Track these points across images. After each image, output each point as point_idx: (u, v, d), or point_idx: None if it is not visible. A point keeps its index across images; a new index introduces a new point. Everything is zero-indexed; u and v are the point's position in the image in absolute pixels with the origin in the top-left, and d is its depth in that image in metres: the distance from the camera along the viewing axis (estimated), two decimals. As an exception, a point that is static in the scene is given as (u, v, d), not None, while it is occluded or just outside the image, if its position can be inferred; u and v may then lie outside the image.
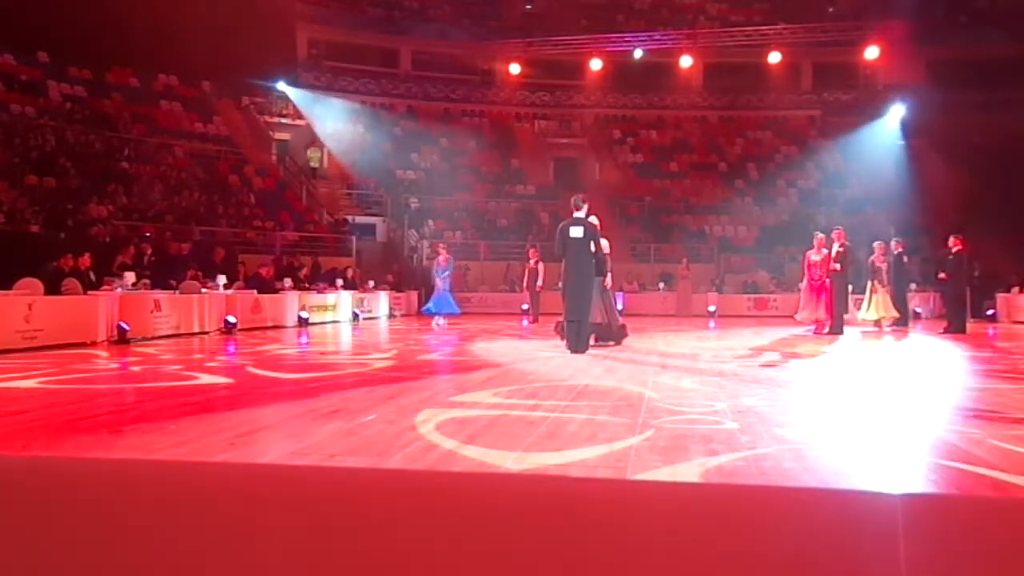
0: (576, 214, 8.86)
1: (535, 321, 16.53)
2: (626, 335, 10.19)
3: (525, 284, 17.33)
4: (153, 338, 10.79)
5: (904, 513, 1.53)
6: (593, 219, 9.16)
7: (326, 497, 1.66)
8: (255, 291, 14.26)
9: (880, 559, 1.37)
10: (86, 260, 11.21)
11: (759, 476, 3.11)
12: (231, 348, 10.00)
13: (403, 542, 1.47)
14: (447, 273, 16.48)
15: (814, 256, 13.09)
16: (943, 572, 1.35)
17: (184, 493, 1.67)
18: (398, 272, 23.59)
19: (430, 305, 16.78)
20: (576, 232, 8.75)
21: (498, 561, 1.42)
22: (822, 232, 13.47)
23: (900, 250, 14.64)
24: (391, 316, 19.58)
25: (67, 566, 1.44)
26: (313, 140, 28.95)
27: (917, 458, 3.50)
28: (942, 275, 14.15)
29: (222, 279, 13.53)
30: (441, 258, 16.71)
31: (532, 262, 16.79)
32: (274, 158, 27.21)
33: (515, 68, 29.91)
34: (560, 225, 9.12)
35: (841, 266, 12.73)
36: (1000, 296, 18.46)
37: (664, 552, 1.43)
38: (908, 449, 3.73)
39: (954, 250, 13.84)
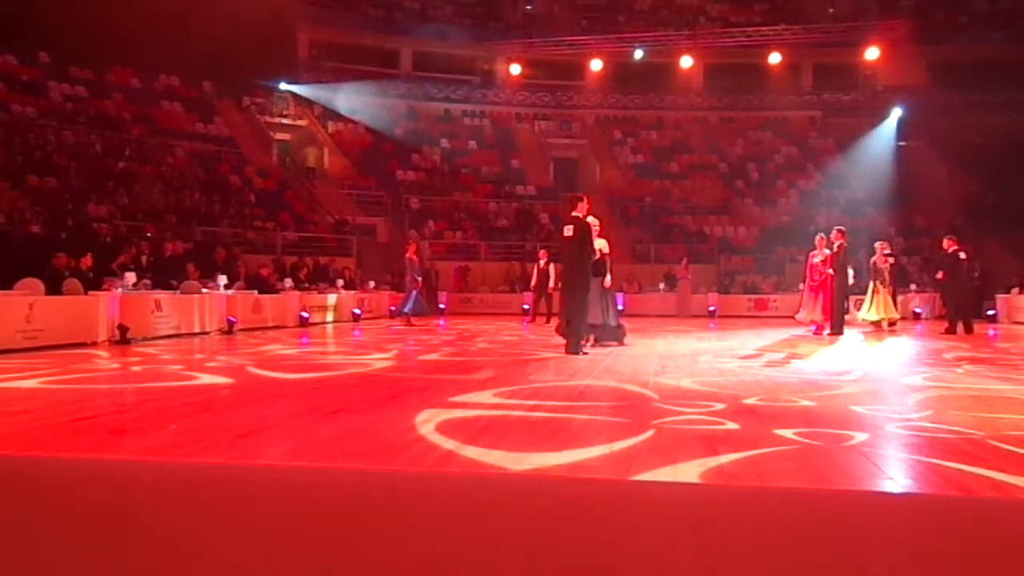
0: (574, 213, 8.86)
1: (533, 321, 16.59)
2: (625, 335, 10.18)
3: (532, 284, 17.36)
4: (154, 338, 10.79)
5: (904, 513, 1.53)
6: (593, 220, 9.14)
7: (326, 497, 1.66)
8: (256, 291, 14.28)
9: (880, 559, 1.37)
10: (86, 260, 11.21)
11: (759, 476, 3.12)
12: (232, 348, 9.99)
13: (404, 542, 1.47)
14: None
15: (816, 257, 13.10)
16: (943, 572, 1.35)
17: (184, 493, 1.67)
18: (398, 272, 23.55)
19: (422, 307, 16.47)
20: (568, 231, 8.75)
21: (499, 561, 1.42)
22: (823, 232, 13.47)
23: (887, 251, 14.68)
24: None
25: (67, 566, 1.44)
26: (313, 140, 28.94)
27: (916, 459, 3.49)
28: (939, 275, 14.21)
29: (223, 279, 13.53)
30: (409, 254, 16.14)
31: (542, 263, 16.80)
32: (275, 158, 27.23)
33: (515, 68, 29.92)
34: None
35: (839, 266, 12.73)
36: (1000, 297, 18.46)
37: (664, 552, 1.43)
38: (907, 449, 3.72)
39: (949, 251, 13.86)
